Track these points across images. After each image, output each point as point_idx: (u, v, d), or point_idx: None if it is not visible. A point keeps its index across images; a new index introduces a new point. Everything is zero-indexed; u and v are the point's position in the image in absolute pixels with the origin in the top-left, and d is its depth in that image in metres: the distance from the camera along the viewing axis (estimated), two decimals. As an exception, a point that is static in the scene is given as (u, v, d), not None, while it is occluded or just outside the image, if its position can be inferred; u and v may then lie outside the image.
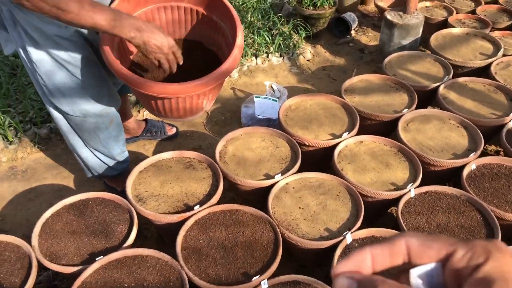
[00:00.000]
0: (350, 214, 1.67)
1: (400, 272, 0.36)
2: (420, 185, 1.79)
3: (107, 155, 1.92)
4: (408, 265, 0.35)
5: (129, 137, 2.38)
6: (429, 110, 2.16)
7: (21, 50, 1.54)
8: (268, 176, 1.79)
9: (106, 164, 1.96)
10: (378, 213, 1.96)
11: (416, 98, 2.21)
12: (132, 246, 1.59)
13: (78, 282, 1.41)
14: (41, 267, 1.57)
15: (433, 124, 2.08)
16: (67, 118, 1.74)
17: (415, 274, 0.34)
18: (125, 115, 2.22)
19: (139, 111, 2.62)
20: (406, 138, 1.99)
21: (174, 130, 2.47)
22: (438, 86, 2.32)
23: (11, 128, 2.38)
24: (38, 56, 1.51)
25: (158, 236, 1.95)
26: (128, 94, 2.25)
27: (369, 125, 2.15)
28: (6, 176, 2.23)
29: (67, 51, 1.52)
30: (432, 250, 0.34)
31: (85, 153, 1.88)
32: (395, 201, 1.75)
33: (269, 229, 1.60)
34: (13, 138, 2.35)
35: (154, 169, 1.83)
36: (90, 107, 1.69)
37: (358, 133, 2.04)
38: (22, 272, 1.47)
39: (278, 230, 1.57)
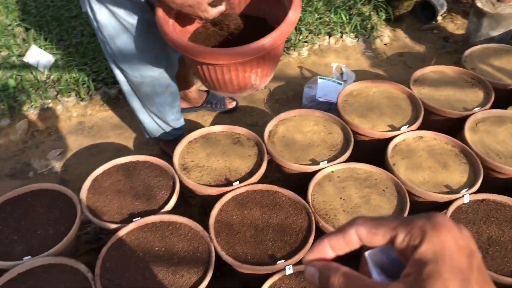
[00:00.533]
0: (394, 212, 1.59)
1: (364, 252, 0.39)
2: (478, 192, 1.65)
3: (163, 120, 1.98)
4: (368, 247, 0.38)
5: (190, 107, 2.43)
6: (504, 111, 1.96)
7: (88, 9, 1.61)
8: (314, 162, 1.75)
9: (162, 129, 2.03)
10: (427, 215, 1.84)
11: (493, 97, 2.02)
12: (171, 212, 1.64)
13: (114, 239, 1.49)
14: (88, 220, 1.67)
15: (506, 127, 1.89)
16: (128, 79, 1.81)
17: (369, 256, 0.38)
18: (186, 83, 2.27)
19: (204, 81, 2.66)
20: (471, 139, 1.83)
21: (234, 104, 2.48)
22: (522, 85, 2.10)
23: (85, 85, 2.53)
24: (102, 16, 1.58)
25: (201, 205, 2.00)
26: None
27: (434, 120, 2.00)
28: (74, 130, 2.39)
29: (130, 12, 1.56)
30: (378, 237, 0.36)
31: (142, 114, 1.96)
32: (446, 205, 1.63)
33: (304, 215, 1.57)
34: (85, 95, 2.50)
35: (203, 141, 1.86)
36: (148, 70, 1.74)
37: (419, 128, 1.91)
38: (68, 221, 1.58)
39: (313, 217, 1.54)
